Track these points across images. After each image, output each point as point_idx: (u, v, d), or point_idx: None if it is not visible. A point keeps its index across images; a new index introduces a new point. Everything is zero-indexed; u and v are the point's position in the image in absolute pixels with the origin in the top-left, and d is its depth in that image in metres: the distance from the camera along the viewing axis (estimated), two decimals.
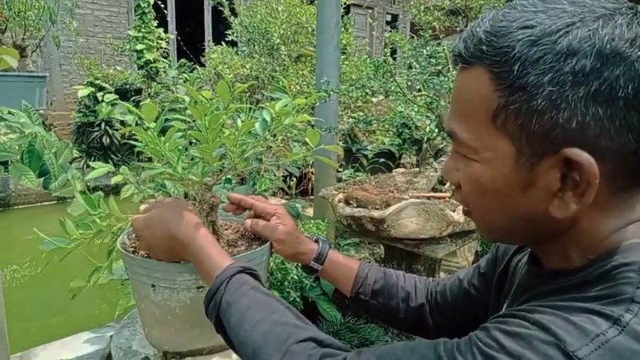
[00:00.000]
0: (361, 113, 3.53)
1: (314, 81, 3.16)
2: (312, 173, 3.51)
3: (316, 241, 0.92)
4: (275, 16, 4.94)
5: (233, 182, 1.75)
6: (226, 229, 1.01)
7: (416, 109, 1.98)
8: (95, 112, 5.72)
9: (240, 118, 0.94)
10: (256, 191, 1.84)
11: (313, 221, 2.16)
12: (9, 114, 0.85)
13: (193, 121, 0.87)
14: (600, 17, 0.43)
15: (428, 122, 1.88)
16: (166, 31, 6.47)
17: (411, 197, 1.63)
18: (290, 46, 4.88)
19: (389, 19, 11.54)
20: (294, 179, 3.62)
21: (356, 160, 3.70)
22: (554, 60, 0.43)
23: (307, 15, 4.85)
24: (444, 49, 1.95)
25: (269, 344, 0.58)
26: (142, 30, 5.72)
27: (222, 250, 0.76)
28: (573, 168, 0.44)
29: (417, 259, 1.81)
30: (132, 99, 5.78)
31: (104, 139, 5.76)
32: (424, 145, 1.93)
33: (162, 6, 6.82)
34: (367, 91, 1.92)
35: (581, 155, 0.43)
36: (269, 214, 0.92)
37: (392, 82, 1.93)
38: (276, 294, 0.68)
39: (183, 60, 6.17)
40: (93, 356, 1.53)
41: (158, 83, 5.62)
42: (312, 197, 3.25)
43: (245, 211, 0.95)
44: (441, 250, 1.62)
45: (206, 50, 7.41)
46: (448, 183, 1.68)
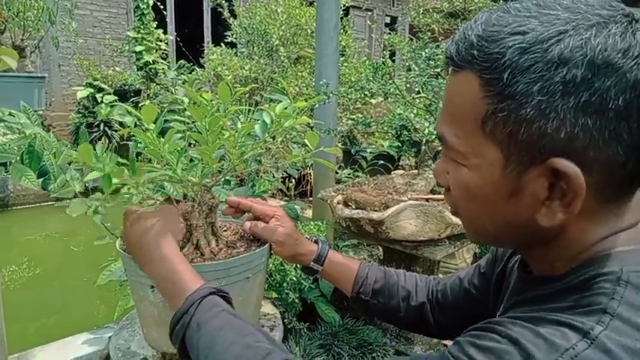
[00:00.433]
0: (360, 115, 3.53)
1: (313, 83, 3.17)
2: (310, 175, 3.51)
3: (315, 242, 0.93)
4: (274, 18, 4.94)
5: (232, 184, 1.75)
6: (225, 231, 1.01)
7: (415, 111, 1.98)
8: (94, 113, 5.72)
9: (239, 120, 0.94)
10: (255, 192, 1.84)
11: (313, 223, 2.16)
12: (9, 115, 0.85)
13: (193, 123, 0.87)
14: (594, 25, 0.42)
15: (427, 124, 1.88)
16: (165, 33, 6.48)
17: (410, 199, 1.63)
18: (289, 48, 4.88)
19: (388, 22, 11.56)
20: (292, 181, 3.62)
21: (355, 162, 3.70)
22: (544, 69, 0.42)
23: (306, 17, 4.86)
24: (443, 52, 1.95)
25: None
26: (141, 31, 5.73)
27: (193, 271, 0.74)
28: (561, 178, 0.44)
29: (416, 261, 1.81)
30: (131, 100, 5.78)
31: (103, 140, 5.76)
32: (423, 147, 1.94)
33: (161, 7, 6.83)
34: (366, 93, 1.93)
35: (568, 166, 0.43)
36: (268, 216, 0.92)
37: (391, 84, 1.93)
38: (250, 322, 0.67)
39: (182, 61, 6.17)
40: (91, 357, 1.52)
41: (157, 84, 5.62)
42: (310, 199, 3.25)
43: (244, 214, 0.95)
44: (440, 252, 1.62)
45: (205, 51, 7.42)
46: None
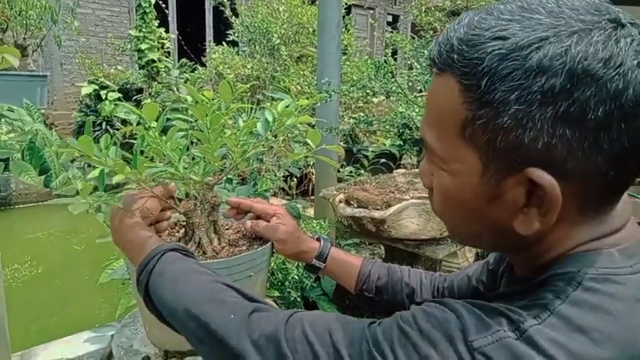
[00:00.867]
0: (362, 114, 3.53)
1: (315, 81, 3.16)
2: (312, 173, 3.51)
3: (318, 240, 0.92)
4: (276, 17, 4.94)
5: (234, 182, 1.75)
6: (227, 229, 1.01)
7: (417, 110, 1.98)
8: (96, 112, 5.72)
9: (241, 119, 0.94)
10: (257, 191, 1.84)
11: (315, 222, 2.16)
12: (8, 110, 0.85)
13: (195, 121, 0.87)
14: (576, 32, 0.41)
15: None
16: (167, 31, 6.47)
17: (412, 198, 1.63)
18: (291, 47, 4.88)
19: (390, 20, 11.54)
20: (294, 179, 3.62)
21: (357, 161, 3.70)
22: (522, 77, 0.41)
23: (308, 15, 4.86)
24: None
25: (202, 296, 0.61)
26: (143, 30, 5.73)
27: (159, 239, 0.77)
28: (537, 187, 0.43)
29: (418, 260, 1.81)
30: (133, 99, 5.78)
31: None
32: None
33: (163, 6, 6.84)
34: (368, 92, 1.93)
35: (543, 177, 0.42)
36: (269, 215, 0.92)
37: (393, 83, 1.93)
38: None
39: (184, 60, 6.17)
40: (94, 355, 1.53)
41: (159, 83, 5.62)
42: (312, 197, 3.25)
43: (246, 214, 0.95)
44: (442, 251, 1.62)
45: (207, 50, 7.42)
46: None
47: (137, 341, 1.11)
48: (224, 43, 5.35)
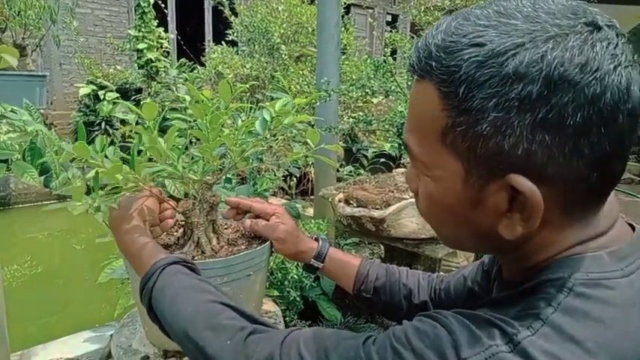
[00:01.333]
0: (361, 113, 3.53)
1: (314, 81, 3.16)
2: (312, 173, 3.51)
3: (316, 240, 0.93)
4: (275, 16, 4.94)
5: (233, 182, 1.75)
6: (226, 229, 1.01)
7: None
8: (95, 112, 5.72)
9: (240, 118, 0.94)
10: (257, 191, 1.84)
11: (314, 221, 2.17)
12: (11, 112, 0.85)
13: (194, 121, 0.87)
14: (552, 38, 0.40)
15: None
16: (166, 31, 6.48)
17: (411, 197, 1.63)
18: (290, 46, 4.88)
19: (389, 20, 11.54)
20: (294, 179, 3.62)
21: (356, 160, 3.70)
22: (500, 84, 0.40)
23: (307, 15, 4.86)
24: None
25: (199, 320, 0.61)
26: (142, 29, 5.73)
27: (157, 245, 0.78)
28: (519, 193, 0.43)
29: (417, 259, 1.81)
30: (132, 98, 5.78)
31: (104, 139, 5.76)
32: None
33: (162, 5, 6.83)
34: (367, 91, 1.93)
35: (524, 184, 0.42)
36: (268, 214, 0.92)
37: (392, 82, 1.93)
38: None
39: (183, 59, 6.17)
40: (93, 355, 1.53)
41: (158, 82, 5.62)
42: (312, 197, 3.26)
43: (246, 215, 0.95)
44: (441, 250, 1.62)
45: (206, 50, 7.42)
46: None
47: (136, 341, 1.12)
48: (223, 43, 5.34)
